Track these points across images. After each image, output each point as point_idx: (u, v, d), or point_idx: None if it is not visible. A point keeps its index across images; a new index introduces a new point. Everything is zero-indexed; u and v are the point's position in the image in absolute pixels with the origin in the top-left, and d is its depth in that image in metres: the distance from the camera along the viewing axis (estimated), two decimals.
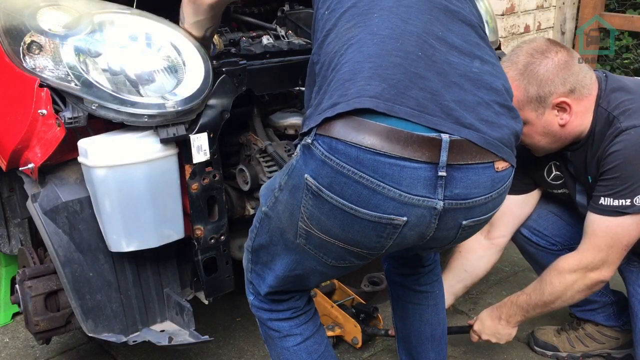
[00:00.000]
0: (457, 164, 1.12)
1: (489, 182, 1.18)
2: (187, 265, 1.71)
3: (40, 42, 1.41)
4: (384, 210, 1.12)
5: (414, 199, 1.12)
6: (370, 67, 1.13)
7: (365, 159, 1.09)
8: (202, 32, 1.53)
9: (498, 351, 2.14)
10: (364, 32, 1.18)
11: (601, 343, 2.07)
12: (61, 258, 1.49)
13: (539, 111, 1.67)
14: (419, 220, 1.15)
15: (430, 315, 1.68)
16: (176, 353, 2.14)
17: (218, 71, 1.56)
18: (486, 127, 1.15)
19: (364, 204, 1.12)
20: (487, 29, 2.27)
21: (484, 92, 1.18)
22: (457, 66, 1.17)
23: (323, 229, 1.20)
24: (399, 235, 1.17)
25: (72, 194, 1.50)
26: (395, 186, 1.10)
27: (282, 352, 1.49)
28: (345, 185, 1.11)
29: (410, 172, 1.10)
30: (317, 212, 1.18)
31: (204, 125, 1.52)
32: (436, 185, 1.12)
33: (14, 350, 2.20)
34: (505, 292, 2.51)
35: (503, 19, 3.14)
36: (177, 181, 1.52)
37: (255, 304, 1.50)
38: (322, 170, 1.13)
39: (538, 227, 2.00)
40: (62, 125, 1.40)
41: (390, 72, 1.12)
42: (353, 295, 2.22)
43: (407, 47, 1.15)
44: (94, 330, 1.56)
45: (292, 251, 1.32)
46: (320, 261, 1.29)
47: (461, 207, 1.17)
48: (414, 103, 1.10)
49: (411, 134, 1.09)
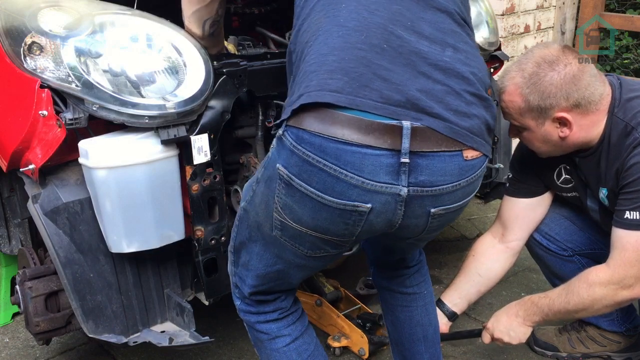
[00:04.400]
0: (422, 151, 1.13)
1: (457, 170, 1.18)
2: (187, 266, 1.71)
3: (41, 43, 1.41)
4: (348, 197, 1.14)
5: (377, 185, 1.13)
6: (333, 60, 1.14)
7: (328, 147, 1.11)
8: (201, 27, 1.52)
9: (498, 351, 2.14)
10: (331, 24, 1.19)
11: (602, 346, 2.06)
12: (62, 259, 1.49)
13: (539, 121, 1.64)
14: (384, 207, 1.16)
15: (420, 316, 1.67)
16: (176, 353, 2.14)
17: (219, 72, 1.56)
18: (455, 117, 1.15)
19: (329, 192, 1.14)
20: (488, 29, 2.27)
21: (454, 81, 1.17)
22: (427, 55, 1.16)
23: (295, 218, 1.22)
24: (366, 222, 1.18)
25: (73, 194, 1.50)
26: (358, 173, 1.12)
27: (272, 354, 1.49)
28: (312, 173, 1.14)
29: (373, 159, 1.11)
30: (289, 201, 1.20)
31: (204, 126, 1.52)
32: (399, 171, 1.13)
33: (14, 350, 2.20)
34: (505, 292, 2.51)
35: (503, 19, 3.14)
36: (178, 182, 1.52)
37: (242, 308, 1.50)
38: (291, 159, 1.16)
39: (550, 232, 1.97)
40: (63, 126, 1.39)
41: (353, 66, 1.13)
42: (359, 304, 2.21)
43: (371, 40, 1.15)
44: (94, 331, 1.56)
45: (270, 245, 1.34)
46: (297, 253, 1.31)
47: (427, 194, 1.18)
48: (377, 95, 1.11)
49: (372, 122, 1.10)
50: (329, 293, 2.21)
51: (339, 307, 2.23)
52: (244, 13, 2.13)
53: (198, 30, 1.53)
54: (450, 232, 3.11)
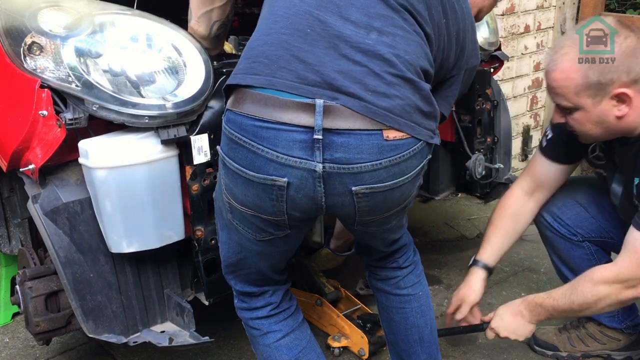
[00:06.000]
0: (337, 129, 1.16)
1: (376, 149, 1.20)
2: (187, 266, 1.71)
3: (41, 43, 1.41)
4: (266, 172, 1.20)
5: (290, 160, 1.18)
6: (258, 45, 1.24)
7: (246, 124, 1.19)
8: (208, 28, 1.53)
9: (498, 351, 2.14)
10: (268, 13, 1.29)
11: (602, 343, 2.06)
12: (62, 259, 1.49)
13: (596, 99, 1.53)
14: (301, 182, 1.20)
15: (415, 318, 1.67)
16: (176, 353, 2.14)
17: (219, 72, 1.56)
18: (372, 97, 1.18)
19: (250, 167, 1.21)
20: (488, 29, 2.27)
21: (375, 62, 1.19)
22: (349, 38, 1.19)
23: (233, 196, 1.30)
24: (288, 197, 1.23)
25: (73, 194, 1.50)
26: (273, 148, 1.18)
27: (264, 349, 1.54)
28: (236, 150, 1.22)
29: (286, 134, 1.17)
30: (227, 181, 1.29)
31: (204, 126, 1.52)
32: (313, 148, 1.17)
33: (14, 350, 2.20)
34: (505, 292, 2.51)
35: (503, 19, 3.14)
36: (178, 182, 1.52)
37: (238, 305, 1.58)
38: (224, 139, 1.27)
39: (562, 216, 1.96)
40: (63, 126, 1.40)
41: (274, 49, 1.20)
42: (360, 305, 2.21)
43: (295, 25, 1.21)
44: (94, 331, 1.56)
45: (231, 232, 1.42)
46: (249, 238, 1.37)
47: (345, 171, 1.20)
48: (294, 76, 1.17)
49: (286, 100, 1.16)
50: (329, 293, 2.21)
51: (339, 307, 2.23)
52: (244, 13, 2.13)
53: (205, 31, 1.54)
54: (450, 232, 3.11)
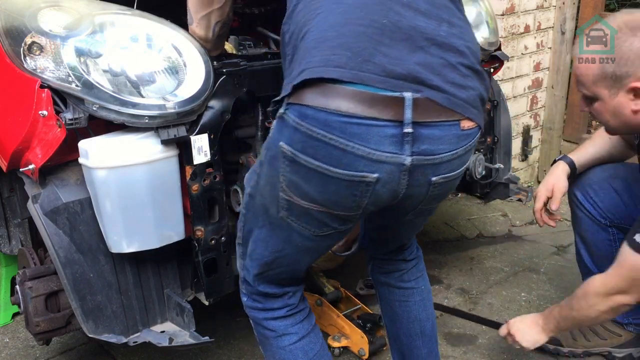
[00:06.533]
0: (424, 121, 1.17)
1: (455, 139, 1.23)
2: (187, 266, 1.71)
3: (41, 43, 1.41)
4: (355, 168, 1.17)
5: (382, 155, 1.16)
6: (335, 36, 1.17)
7: (332, 121, 1.14)
8: (209, 29, 1.52)
9: (498, 351, 2.15)
10: (329, 2, 1.22)
11: (603, 339, 2.07)
12: (62, 259, 1.49)
13: (612, 91, 1.56)
14: (390, 176, 1.20)
15: (417, 311, 1.70)
16: (176, 353, 2.14)
17: (219, 72, 1.56)
18: (452, 89, 1.19)
19: (336, 164, 1.17)
20: (488, 29, 2.27)
21: (450, 54, 1.20)
22: (424, 30, 1.19)
23: (301, 194, 1.24)
24: (373, 192, 1.21)
25: (73, 194, 1.50)
26: (364, 144, 1.15)
27: (278, 351, 1.49)
28: (317, 147, 1.17)
29: (377, 130, 1.15)
30: (295, 178, 1.23)
31: (204, 126, 1.52)
32: (403, 142, 1.17)
33: (14, 350, 2.20)
34: (505, 292, 2.52)
35: (503, 19, 3.14)
36: (178, 182, 1.52)
37: (249, 304, 1.50)
38: (295, 136, 1.19)
39: (595, 198, 1.97)
40: (63, 126, 1.39)
41: (355, 41, 1.15)
42: (360, 305, 2.21)
43: (371, 16, 1.18)
44: (94, 331, 1.56)
45: (276, 229, 1.35)
46: (304, 234, 1.32)
47: (429, 162, 1.22)
48: (379, 69, 1.14)
49: (375, 95, 1.14)
50: (329, 293, 2.21)
51: (339, 307, 2.23)
52: (244, 13, 2.13)
53: (207, 32, 1.53)
54: (450, 232, 3.11)
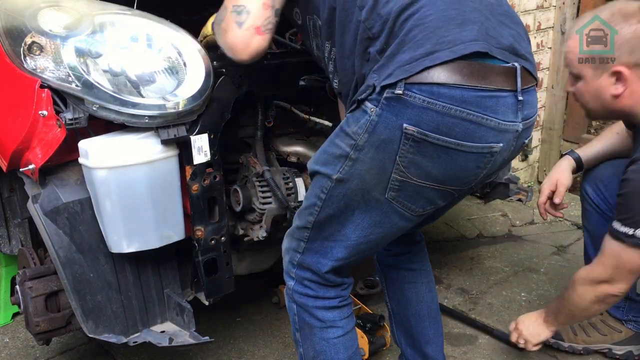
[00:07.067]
0: (525, 88, 1.26)
1: (536, 102, 1.35)
2: (187, 266, 1.71)
3: (41, 43, 1.41)
4: (486, 140, 1.23)
5: (507, 125, 1.24)
6: (458, 14, 1.22)
7: (468, 96, 1.19)
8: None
9: (498, 351, 2.15)
10: None
11: (603, 335, 2.08)
12: (62, 259, 1.49)
13: (597, 72, 1.61)
14: (507, 144, 1.28)
15: (425, 292, 1.75)
16: (176, 353, 2.14)
17: (219, 72, 1.56)
18: (530, 57, 1.31)
19: (470, 138, 1.22)
20: None
21: (520, 28, 1.32)
22: (497, 7, 1.29)
23: (422, 173, 1.26)
24: (492, 162, 1.29)
25: (73, 194, 1.50)
26: (495, 116, 1.22)
27: (320, 342, 1.46)
28: (453, 124, 1.20)
29: (503, 100, 1.23)
30: (418, 158, 1.24)
31: (204, 126, 1.52)
32: (517, 109, 1.25)
33: (14, 350, 2.20)
34: (505, 292, 2.52)
35: None
36: (178, 182, 1.52)
37: (298, 289, 1.45)
38: (425, 116, 1.19)
39: (605, 193, 1.98)
40: (63, 126, 1.39)
41: (475, 16, 1.22)
42: (360, 305, 2.21)
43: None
44: (94, 331, 1.56)
45: (373, 211, 1.33)
46: (403, 215, 1.34)
47: (528, 126, 1.31)
48: (496, 42, 1.23)
49: (498, 67, 1.22)
50: None
51: None
52: None
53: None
54: (450, 232, 3.11)
